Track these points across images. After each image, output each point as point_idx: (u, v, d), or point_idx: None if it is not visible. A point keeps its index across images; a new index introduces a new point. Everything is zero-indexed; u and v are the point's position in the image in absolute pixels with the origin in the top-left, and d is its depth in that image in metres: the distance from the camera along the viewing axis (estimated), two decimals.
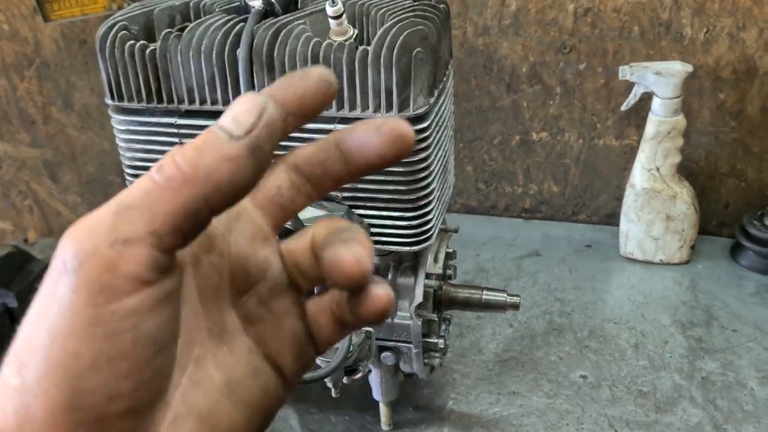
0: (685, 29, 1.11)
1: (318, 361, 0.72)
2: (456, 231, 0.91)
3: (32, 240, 1.57)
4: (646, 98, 1.11)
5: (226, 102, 0.70)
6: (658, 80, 1.07)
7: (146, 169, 0.77)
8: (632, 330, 1.06)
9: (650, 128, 1.11)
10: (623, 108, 1.14)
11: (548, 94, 1.21)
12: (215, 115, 0.72)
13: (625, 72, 1.09)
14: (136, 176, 0.78)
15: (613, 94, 1.19)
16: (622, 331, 1.06)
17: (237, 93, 0.70)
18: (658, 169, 1.13)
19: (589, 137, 1.24)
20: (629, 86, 1.13)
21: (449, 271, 0.92)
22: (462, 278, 1.21)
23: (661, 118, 1.09)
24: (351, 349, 0.72)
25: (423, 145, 0.69)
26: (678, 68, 1.06)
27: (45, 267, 1.18)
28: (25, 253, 1.18)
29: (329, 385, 0.78)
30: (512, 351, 1.04)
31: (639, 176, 1.14)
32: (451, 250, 0.91)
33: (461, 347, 1.05)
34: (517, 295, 0.85)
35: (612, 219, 1.29)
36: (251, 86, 0.68)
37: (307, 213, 0.73)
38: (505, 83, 1.22)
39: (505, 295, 0.85)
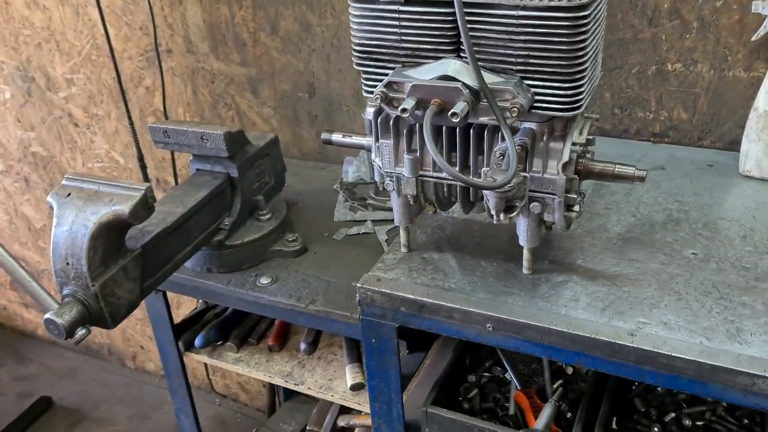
0: None
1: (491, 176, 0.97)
2: (597, 119, 1.13)
3: None
4: None
5: None
6: None
7: (371, 53, 1.05)
8: (742, 226, 1.24)
9: None
10: (753, 38, 1.30)
11: (686, 28, 1.40)
12: (434, 4, 0.98)
13: (757, 6, 1.26)
14: (362, 56, 1.07)
15: (746, 29, 1.35)
16: (732, 226, 1.25)
17: None
18: None
19: (719, 69, 1.41)
20: (761, 21, 1.29)
21: (588, 154, 1.15)
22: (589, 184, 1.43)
23: None
24: (512, 182, 0.97)
25: (583, 29, 0.93)
26: None
27: (257, 150, 1.52)
28: (245, 137, 1.52)
29: (492, 211, 1.04)
30: (633, 233, 1.25)
31: (763, 99, 1.31)
32: (591, 137, 1.14)
33: (590, 227, 1.28)
34: (644, 170, 1.07)
35: (735, 145, 1.45)
36: None
37: (488, 78, 0.99)
38: (647, 17, 1.41)
39: (635, 169, 1.08)
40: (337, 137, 1.27)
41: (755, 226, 1.24)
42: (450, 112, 0.94)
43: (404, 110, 0.97)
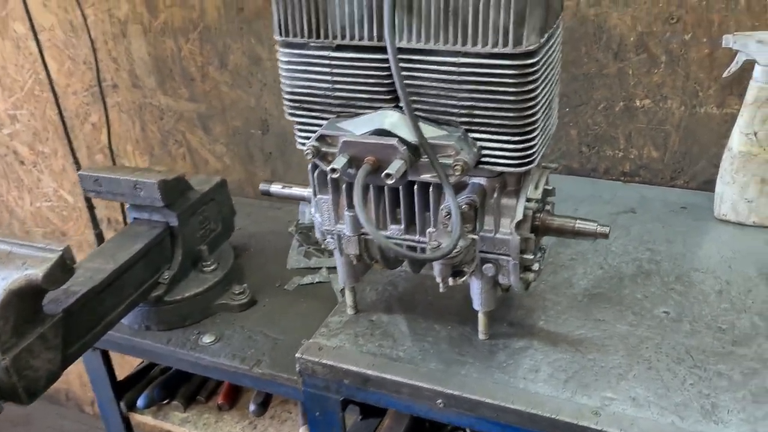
0: None
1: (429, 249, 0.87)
2: (556, 168, 1.03)
3: None
4: (749, 68, 1.19)
5: (371, 38, 0.87)
6: (761, 48, 1.14)
7: (302, 102, 0.95)
8: (718, 279, 1.14)
9: (751, 94, 1.18)
10: (725, 75, 1.21)
11: (653, 63, 1.31)
12: (363, 49, 0.88)
13: (728, 40, 1.17)
14: (293, 105, 0.96)
15: (717, 64, 1.26)
16: (707, 278, 1.15)
17: (381, 31, 0.86)
18: (755, 134, 1.20)
19: (690, 105, 1.32)
20: (732, 56, 1.20)
21: (548, 206, 1.05)
22: None
23: (761, 84, 1.16)
24: (458, 247, 0.86)
25: (531, 78, 0.83)
26: None
27: (200, 196, 1.40)
28: (186, 182, 1.41)
29: (438, 278, 0.93)
30: (601, 288, 1.15)
31: (737, 140, 1.21)
32: (550, 188, 1.03)
33: (554, 282, 1.17)
34: (607, 226, 0.97)
35: (709, 185, 1.36)
36: (392, 25, 0.84)
37: (428, 132, 0.88)
38: (613, 51, 1.32)
39: (596, 225, 0.97)
40: (276, 188, 1.16)
41: (731, 279, 1.14)
42: (384, 173, 0.83)
43: (334, 170, 0.86)
